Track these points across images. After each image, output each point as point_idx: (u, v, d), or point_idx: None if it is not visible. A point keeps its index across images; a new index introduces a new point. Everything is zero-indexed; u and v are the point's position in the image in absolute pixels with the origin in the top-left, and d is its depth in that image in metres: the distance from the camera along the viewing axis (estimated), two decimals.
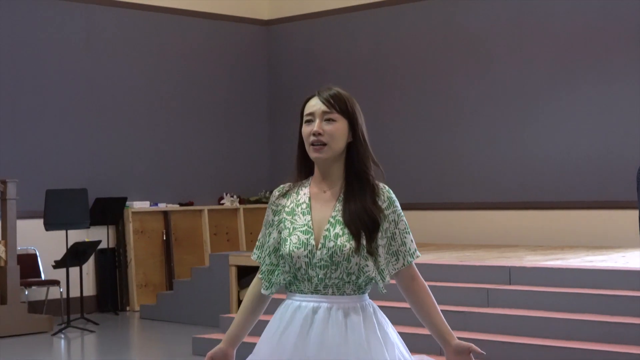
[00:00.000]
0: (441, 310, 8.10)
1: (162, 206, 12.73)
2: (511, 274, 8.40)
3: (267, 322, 3.37)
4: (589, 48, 11.16)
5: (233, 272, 10.51)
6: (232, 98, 13.70)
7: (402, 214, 3.32)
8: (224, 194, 13.44)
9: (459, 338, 7.80)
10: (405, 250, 3.29)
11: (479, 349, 3.21)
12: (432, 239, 11.98)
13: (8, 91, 11.57)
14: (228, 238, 13.36)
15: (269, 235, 3.37)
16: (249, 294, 3.42)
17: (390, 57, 12.79)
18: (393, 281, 3.33)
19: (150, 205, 12.60)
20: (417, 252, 3.34)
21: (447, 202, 12.20)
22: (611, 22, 11.03)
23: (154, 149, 12.84)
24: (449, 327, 3.30)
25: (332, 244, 3.20)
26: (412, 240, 3.33)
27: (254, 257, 3.42)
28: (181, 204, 12.97)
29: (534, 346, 7.38)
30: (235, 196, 13.51)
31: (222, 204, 13.37)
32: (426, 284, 3.35)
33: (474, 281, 8.54)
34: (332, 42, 13.29)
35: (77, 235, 11.36)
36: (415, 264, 3.34)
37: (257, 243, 3.41)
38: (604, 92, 11.05)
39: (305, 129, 3.29)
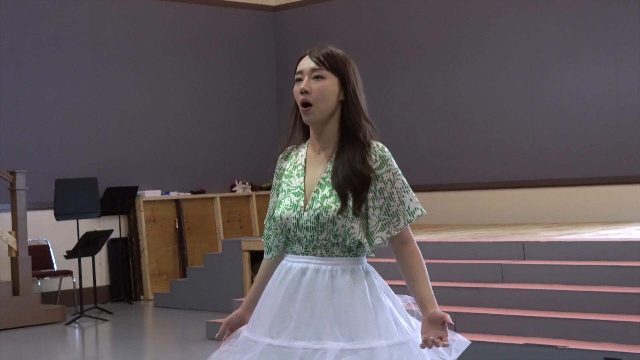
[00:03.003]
0: (456, 287, 8.08)
1: (173, 195, 12.68)
2: (525, 249, 8.32)
3: None
4: (596, 20, 11.05)
5: (246, 257, 10.48)
6: (241, 85, 13.65)
7: (399, 172, 3.21)
8: (236, 181, 13.39)
9: (474, 314, 7.77)
10: (404, 210, 3.18)
11: (450, 320, 3.08)
12: (446, 220, 11.91)
13: (14, 81, 11.54)
14: (241, 225, 13.32)
15: (271, 199, 3.38)
16: (262, 260, 3.45)
17: (397, 39, 12.71)
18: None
19: (162, 194, 12.57)
20: (420, 210, 3.22)
21: (458, 182, 12.12)
22: None
23: (164, 137, 12.79)
24: (432, 296, 3.15)
25: (318, 205, 3.16)
26: (411, 199, 3.21)
27: (265, 222, 3.42)
28: (193, 192, 12.93)
29: (548, 320, 7.32)
30: (247, 183, 13.46)
31: (234, 191, 13.33)
32: (419, 251, 3.22)
33: (488, 257, 8.47)
34: (339, 26, 13.22)
35: (89, 226, 11.36)
36: (429, 242, 3.25)
37: (268, 207, 3.43)
38: (614, 66, 10.94)
39: (295, 88, 3.25)
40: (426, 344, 3.05)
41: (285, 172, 3.32)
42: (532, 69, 11.54)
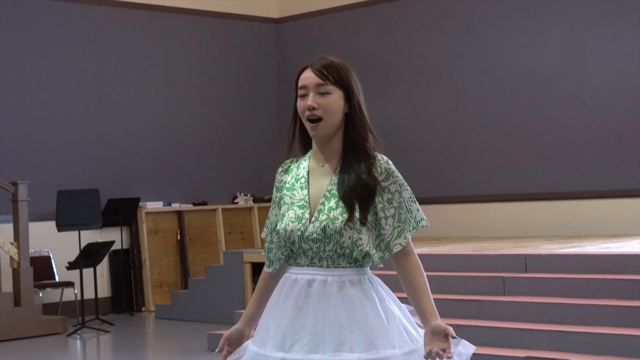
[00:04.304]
0: (458, 299, 8.06)
1: (175, 206, 12.68)
2: (527, 261, 8.32)
3: None
4: (598, 33, 11.06)
5: (247, 269, 10.47)
6: (243, 96, 13.66)
7: (405, 183, 3.22)
8: (238, 193, 13.39)
9: (475, 326, 7.76)
10: (411, 218, 3.20)
11: (453, 333, 3.09)
12: (447, 233, 11.88)
13: (16, 92, 11.55)
14: (243, 237, 13.31)
15: (272, 212, 3.35)
16: (262, 273, 3.42)
17: (399, 50, 12.72)
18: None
19: (164, 206, 12.56)
20: (424, 221, 3.24)
21: (460, 195, 12.11)
22: (620, 9, 10.93)
23: (166, 149, 12.79)
24: (434, 308, 3.16)
25: (324, 217, 3.15)
26: (418, 209, 3.23)
27: (263, 235, 3.40)
28: (194, 204, 12.93)
29: (550, 332, 7.31)
30: (249, 195, 13.46)
31: (236, 202, 13.32)
32: (420, 263, 3.24)
33: (490, 270, 8.46)
34: (341, 37, 13.23)
35: (90, 237, 11.35)
36: (431, 254, 3.25)
37: (267, 221, 3.39)
38: (616, 78, 10.94)
39: (300, 104, 3.22)
40: (430, 355, 3.05)
41: (287, 185, 3.30)
42: (534, 81, 11.54)
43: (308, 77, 3.22)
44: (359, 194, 3.14)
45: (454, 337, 3.08)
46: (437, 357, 3.04)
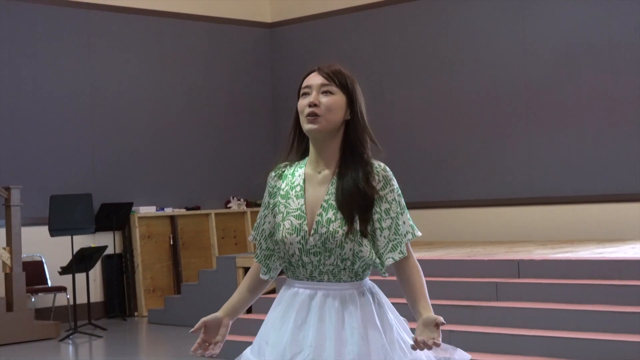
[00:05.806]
0: (451, 305, 8.04)
1: (168, 211, 12.66)
2: (520, 267, 8.31)
3: (268, 299, 3.31)
4: (593, 35, 11.07)
5: (240, 274, 10.46)
6: (236, 101, 13.65)
7: (400, 192, 3.19)
8: (231, 198, 13.38)
9: (468, 332, 7.73)
10: (405, 231, 3.18)
11: (442, 320, 3.03)
12: (440, 237, 11.89)
13: (10, 97, 11.53)
14: (236, 242, 13.30)
15: (264, 218, 3.30)
16: (250, 273, 3.37)
17: (394, 56, 12.73)
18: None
19: (157, 210, 12.54)
20: (416, 230, 3.22)
21: (453, 199, 12.11)
22: (614, 13, 10.94)
23: (159, 153, 12.78)
24: (428, 304, 3.14)
25: (324, 229, 3.10)
26: (409, 218, 3.21)
27: (250, 238, 3.37)
28: (187, 208, 12.91)
29: (543, 338, 7.30)
30: (242, 199, 13.45)
31: (229, 207, 13.31)
32: (418, 265, 3.22)
33: (483, 275, 8.45)
34: (335, 43, 13.23)
35: (83, 241, 11.33)
36: (423, 260, 3.23)
37: (255, 224, 3.35)
38: (611, 82, 10.95)
39: (302, 102, 3.19)
40: (417, 345, 3.01)
41: (281, 192, 3.24)
42: (528, 87, 11.54)
43: (313, 78, 3.21)
44: (358, 204, 3.11)
45: (443, 324, 3.03)
46: (425, 346, 2.99)
